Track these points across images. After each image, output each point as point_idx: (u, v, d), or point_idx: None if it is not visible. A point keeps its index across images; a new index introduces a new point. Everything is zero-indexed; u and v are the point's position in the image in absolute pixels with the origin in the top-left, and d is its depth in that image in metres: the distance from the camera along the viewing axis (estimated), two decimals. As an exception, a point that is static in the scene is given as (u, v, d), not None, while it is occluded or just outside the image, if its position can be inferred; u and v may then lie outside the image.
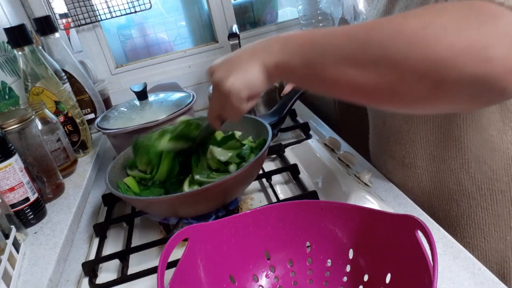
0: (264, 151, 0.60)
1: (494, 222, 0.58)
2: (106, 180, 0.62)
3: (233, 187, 0.60)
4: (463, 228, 0.62)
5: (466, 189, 0.59)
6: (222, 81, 0.44)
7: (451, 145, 0.58)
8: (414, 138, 0.62)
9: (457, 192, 0.60)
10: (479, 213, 0.59)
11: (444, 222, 0.63)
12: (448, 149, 0.58)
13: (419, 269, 0.35)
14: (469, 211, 0.60)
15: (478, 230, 0.60)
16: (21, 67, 0.81)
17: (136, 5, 1.17)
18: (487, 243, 0.60)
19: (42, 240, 0.63)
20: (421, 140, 0.61)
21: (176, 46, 1.36)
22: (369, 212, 0.42)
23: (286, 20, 1.39)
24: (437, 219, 0.60)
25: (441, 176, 0.61)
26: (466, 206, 0.60)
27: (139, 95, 0.83)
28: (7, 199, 0.63)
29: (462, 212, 0.61)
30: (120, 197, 0.59)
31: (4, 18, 0.95)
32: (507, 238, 0.58)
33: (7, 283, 0.52)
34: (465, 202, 0.60)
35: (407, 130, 0.62)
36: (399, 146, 0.65)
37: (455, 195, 0.61)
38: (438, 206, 0.63)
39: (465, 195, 0.60)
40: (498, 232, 0.59)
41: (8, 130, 0.66)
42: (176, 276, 0.38)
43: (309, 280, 0.46)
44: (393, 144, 0.66)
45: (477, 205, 0.59)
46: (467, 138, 0.56)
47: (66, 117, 0.88)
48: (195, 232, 0.43)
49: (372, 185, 0.63)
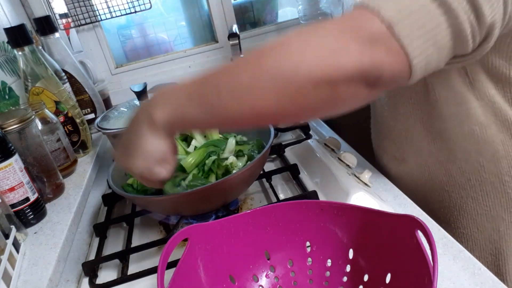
0: (266, 149, 0.60)
1: (486, 213, 0.59)
2: (109, 179, 0.62)
3: (234, 186, 0.60)
4: (456, 219, 0.62)
5: (455, 180, 0.60)
6: (130, 171, 0.46)
7: (436, 138, 0.59)
8: (400, 133, 0.63)
9: (448, 183, 0.61)
10: (470, 203, 0.60)
11: (438, 213, 0.64)
12: (433, 142, 0.59)
13: (419, 269, 0.35)
14: (461, 202, 0.61)
15: (470, 220, 0.61)
16: (21, 67, 0.81)
17: (136, 5, 1.18)
18: (480, 233, 0.61)
19: (42, 240, 0.63)
20: (407, 135, 0.62)
21: (176, 46, 1.36)
22: (369, 212, 0.42)
23: (286, 20, 1.39)
24: (431, 211, 0.61)
25: (430, 169, 0.62)
26: (457, 196, 0.61)
27: (139, 95, 0.83)
28: (7, 199, 0.63)
29: (454, 202, 0.62)
30: (123, 196, 0.59)
31: (4, 18, 0.95)
32: (500, 229, 0.59)
33: (7, 283, 0.52)
34: (456, 193, 0.61)
35: (393, 126, 0.64)
36: (389, 141, 0.67)
37: (446, 186, 0.62)
38: (431, 198, 0.64)
39: (456, 186, 0.60)
40: (491, 222, 0.59)
41: (8, 130, 0.66)
42: (176, 276, 0.38)
43: (309, 280, 0.46)
44: (384, 139, 0.69)
45: (467, 195, 0.60)
46: (450, 131, 0.57)
47: (66, 117, 0.88)
48: (195, 232, 0.43)
49: (372, 185, 0.63)
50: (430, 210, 0.59)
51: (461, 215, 0.62)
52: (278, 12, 1.42)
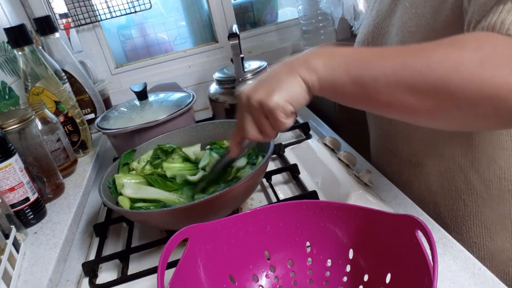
0: (268, 156, 0.59)
1: (501, 221, 0.58)
2: (101, 195, 0.59)
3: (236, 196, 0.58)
4: (469, 228, 0.61)
5: (474, 187, 0.59)
6: (266, 100, 0.43)
7: (462, 144, 0.57)
8: (423, 136, 0.61)
9: (465, 191, 0.60)
10: (486, 212, 0.59)
11: (450, 222, 0.63)
12: (458, 147, 0.58)
13: (419, 269, 0.35)
14: (476, 211, 0.60)
15: (484, 229, 0.60)
16: (21, 67, 0.81)
17: (136, 5, 1.18)
18: (493, 242, 0.60)
19: (42, 240, 0.63)
20: (429, 139, 0.61)
21: (176, 46, 1.36)
22: (369, 212, 0.42)
23: (286, 20, 1.39)
24: (443, 218, 0.60)
25: (449, 175, 0.61)
26: (474, 205, 0.60)
27: (139, 95, 0.83)
28: (7, 199, 0.63)
29: (469, 211, 0.60)
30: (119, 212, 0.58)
31: (4, 18, 0.95)
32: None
33: (7, 283, 0.52)
34: (472, 201, 0.60)
35: (415, 128, 0.62)
36: (407, 145, 0.65)
37: (463, 195, 0.60)
38: (445, 205, 0.63)
39: (473, 194, 0.59)
40: (505, 231, 0.59)
41: (8, 130, 0.66)
42: (176, 276, 0.38)
43: (309, 280, 0.46)
44: (400, 143, 0.66)
45: (484, 204, 0.59)
46: (477, 136, 0.56)
47: (66, 117, 0.88)
48: (195, 232, 0.43)
49: (372, 185, 0.63)
50: (441, 218, 0.57)
51: (475, 224, 0.60)
52: (278, 12, 1.42)
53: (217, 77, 0.95)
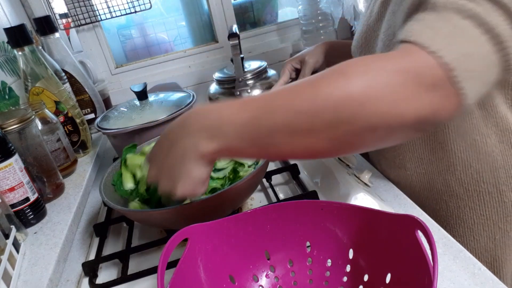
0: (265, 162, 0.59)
1: (483, 222, 0.59)
2: (102, 194, 0.59)
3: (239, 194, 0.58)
4: (452, 227, 0.63)
5: (453, 190, 0.60)
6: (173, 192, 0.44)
7: (437, 148, 0.59)
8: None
9: (446, 193, 0.61)
10: (467, 213, 0.60)
11: (435, 221, 0.64)
12: (435, 152, 0.60)
13: (419, 269, 0.35)
14: (458, 211, 0.61)
15: (467, 229, 0.61)
16: (21, 67, 0.81)
17: (136, 5, 1.18)
18: (476, 242, 0.61)
19: (42, 240, 0.63)
20: (409, 143, 0.62)
21: (176, 46, 1.36)
22: (369, 212, 0.42)
23: (286, 20, 1.39)
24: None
25: (429, 178, 0.62)
26: (455, 206, 0.61)
27: (139, 95, 0.83)
28: (7, 199, 0.63)
29: (451, 212, 0.62)
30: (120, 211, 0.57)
31: (4, 18, 0.95)
32: (496, 238, 0.59)
33: (7, 283, 0.52)
34: (453, 202, 0.61)
35: None
36: (389, 148, 0.66)
37: (444, 196, 0.62)
38: (428, 205, 0.64)
39: (453, 196, 0.61)
40: (487, 231, 0.60)
41: (8, 130, 0.66)
42: (176, 276, 0.38)
43: (309, 280, 0.46)
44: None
45: (465, 205, 0.60)
46: (452, 143, 0.57)
47: (66, 117, 0.88)
48: (195, 232, 0.43)
49: (372, 185, 0.63)
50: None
51: (457, 224, 0.62)
52: (278, 12, 1.42)
53: (217, 77, 0.95)
